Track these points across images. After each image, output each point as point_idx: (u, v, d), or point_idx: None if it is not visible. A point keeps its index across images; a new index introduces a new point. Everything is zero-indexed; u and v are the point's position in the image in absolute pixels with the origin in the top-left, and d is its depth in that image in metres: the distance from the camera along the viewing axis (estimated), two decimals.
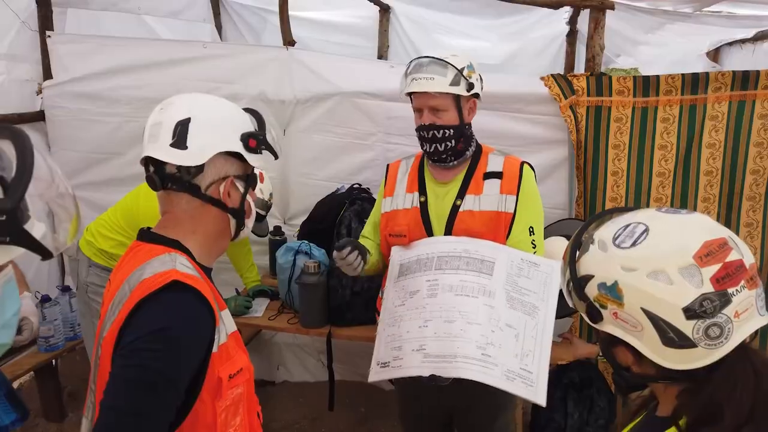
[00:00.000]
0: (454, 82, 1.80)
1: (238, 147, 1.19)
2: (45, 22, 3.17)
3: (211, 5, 4.65)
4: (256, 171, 1.30)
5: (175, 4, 4.25)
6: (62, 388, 3.24)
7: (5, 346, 0.85)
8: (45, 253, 0.77)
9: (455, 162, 1.90)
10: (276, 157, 1.28)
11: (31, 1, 3.14)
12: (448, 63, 1.81)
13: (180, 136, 1.14)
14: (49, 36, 3.15)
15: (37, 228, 0.76)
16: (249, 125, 1.24)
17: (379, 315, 1.95)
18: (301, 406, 3.35)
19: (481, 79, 1.92)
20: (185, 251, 1.15)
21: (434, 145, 1.85)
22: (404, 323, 1.75)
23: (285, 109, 3.02)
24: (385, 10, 4.74)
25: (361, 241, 2.00)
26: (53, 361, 3.04)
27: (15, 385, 3.35)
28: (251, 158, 1.21)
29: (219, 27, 4.73)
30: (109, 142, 3.21)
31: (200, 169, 1.15)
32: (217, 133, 1.17)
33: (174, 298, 1.04)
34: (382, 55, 4.78)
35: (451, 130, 1.83)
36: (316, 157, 3.07)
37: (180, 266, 1.09)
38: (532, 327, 1.68)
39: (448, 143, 1.85)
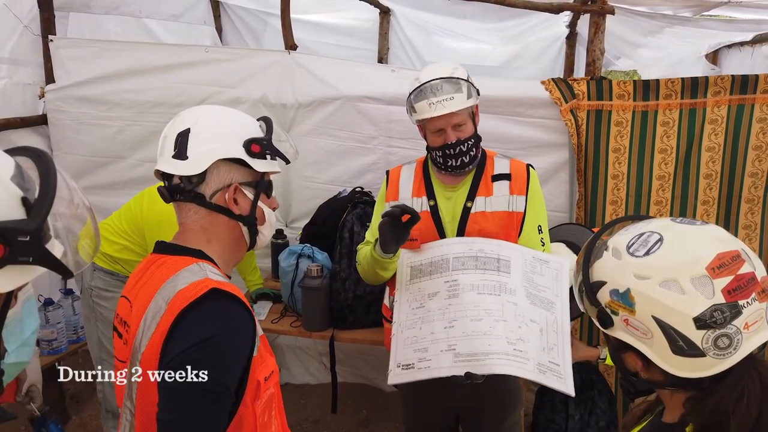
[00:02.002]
0: (469, 95, 1.84)
1: (240, 153, 1.17)
2: (47, 26, 3.18)
3: (211, 8, 4.66)
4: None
5: (176, 7, 4.26)
6: (65, 391, 3.25)
7: (24, 364, 0.86)
8: (65, 273, 0.77)
9: (471, 167, 1.93)
10: (287, 161, 1.27)
11: (34, 6, 3.15)
12: (459, 78, 1.84)
13: (180, 146, 1.15)
14: (51, 40, 3.16)
15: (57, 247, 0.77)
16: (255, 132, 1.22)
17: (386, 320, 1.96)
18: (302, 408, 3.36)
19: None
20: (210, 260, 1.16)
21: (460, 158, 1.88)
22: (426, 325, 1.76)
23: (287, 112, 3.04)
24: (385, 13, 4.75)
25: (365, 246, 2.01)
26: (56, 363, 3.05)
27: None
28: (257, 164, 1.20)
29: (219, 30, 4.75)
30: (112, 146, 3.22)
31: (202, 177, 1.15)
32: (216, 140, 1.17)
33: (217, 306, 1.05)
34: (382, 57, 4.79)
35: (472, 140, 1.88)
36: (317, 161, 3.09)
37: (211, 275, 1.10)
38: (552, 321, 1.73)
39: (470, 153, 1.89)
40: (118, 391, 1.19)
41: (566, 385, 1.65)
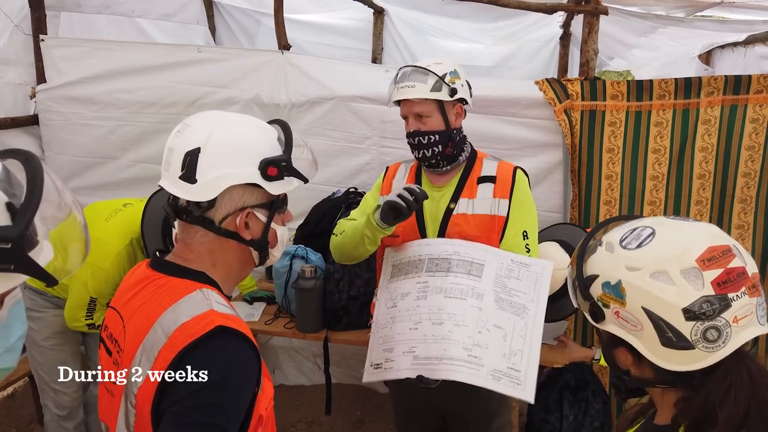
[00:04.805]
0: (435, 89, 1.83)
1: (255, 177, 1.07)
2: (38, 26, 3.15)
3: (204, 7, 4.64)
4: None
5: (169, 7, 4.23)
6: None
7: (8, 370, 0.83)
8: (49, 280, 0.74)
9: (448, 167, 1.93)
10: (305, 181, 1.15)
11: (25, 5, 3.12)
12: (429, 71, 1.84)
13: (189, 168, 1.05)
14: (42, 39, 3.13)
15: (45, 252, 0.74)
16: (272, 148, 1.11)
17: (372, 318, 1.96)
18: (297, 409, 3.35)
19: (469, 85, 1.95)
20: (213, 284, 1.09)
21: (422, 150, 1.88)
22: (395, 325, 1.77)
23: (280, 112, 3.02)
24: (379, 13, 4.75)
25: (348, 221, 1.99)
26: None
27: (9, 390, 3.34)
28: (272, 187, 1.09)
29: (212, 29, 4.72)
30: (103, 146, 3.20)
31: (212, 203, 1.07)
32: (229, 164, 1.06)
33: (223, 347, 0.98)
34: (376, 57, 4.79)
35: (437, 136, 1.86)
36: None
37: (216, 305, 1.02)
38: (521, 327, 1.70)
39: (434, 148, 1.87)
40: (101, 403, 1.14)
41: (524, 392, 1.62)
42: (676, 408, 0.94)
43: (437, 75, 1.84)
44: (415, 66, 1.87)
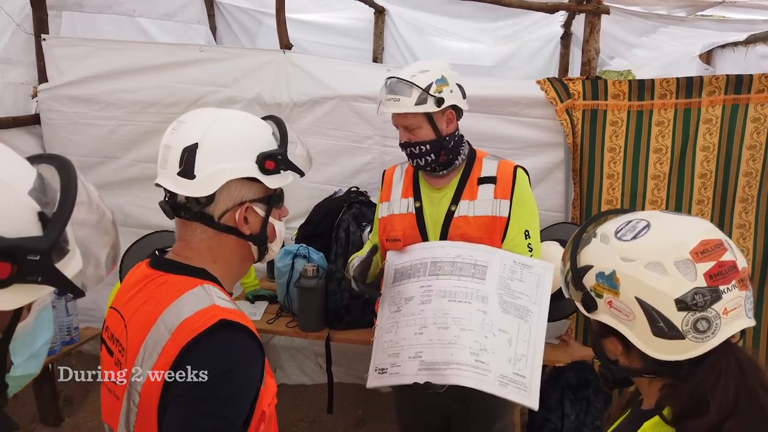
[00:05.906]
0: (420, 101, 1.79)
1: (253, 171, 1.09)
2: (40, 25, 3.15)
3: (205, 7, 4.64)
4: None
5: (170, 6, 4.24)
6: (58, 393, 3.22)
7: (31, 376, 0.81)
8: (76, 292, 0.71)
9: (444, 172, 1.91)
10: (301, 174, 1.17)
11: (26, 4, 3.13)
12: (413, 84, 1.79)
13: (187, 164, 1.05)
14: (44, 39, 3.14)
15: (75, 261, 0.72)
16: (268, 143, 1.12)
17: (377, 319, 1.96)
18: (298, 408, 3.35)
19: (461, 88, 1.88)
20: (214, 280, 1.09)
21: (415, 160, 1.88)
22: (400, 330, 1.76)
23: (281, 112, 3.02)
24: (380, 12, 4.75)
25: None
26: (49, 365, 3.02)
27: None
28: (270, 180, 1.11)
29: (213, 29, 4.73)
30: (105, 146, 3.20)
31: (211, 198, 1.07)
32: (228, 158, 1.07)
33: (227, 340, 0.98)
34: (377, 57, 4.80)
35: (428, 146, 1.84)
36: (312, 160, 3.07)
37: (218, 300, 1.03)
38: (525, 331, 1.70)
39: (427, 157, 1.85)
40: (104, 405, 1.13)
41: (529, 399, 1.62)
42: (660, 392, 0.96)
43: (420, 87, 1.79)
44: (399, 78, 1.82)
